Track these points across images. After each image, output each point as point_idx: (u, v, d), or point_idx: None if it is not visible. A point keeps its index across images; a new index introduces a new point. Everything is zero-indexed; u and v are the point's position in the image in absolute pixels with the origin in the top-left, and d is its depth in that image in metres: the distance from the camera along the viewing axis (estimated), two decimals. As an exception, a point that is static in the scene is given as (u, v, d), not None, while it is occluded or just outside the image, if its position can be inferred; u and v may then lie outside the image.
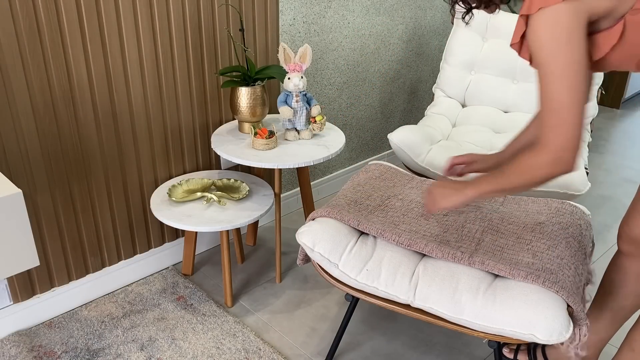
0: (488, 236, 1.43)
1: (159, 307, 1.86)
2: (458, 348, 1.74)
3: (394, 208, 1.55)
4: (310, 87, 2.31)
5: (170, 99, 1.86)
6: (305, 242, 1.43)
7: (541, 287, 1.25)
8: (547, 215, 1.52)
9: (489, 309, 1.25)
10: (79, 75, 1.63)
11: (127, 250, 1.94)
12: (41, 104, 1.58)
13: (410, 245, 1.38)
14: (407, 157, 1.99)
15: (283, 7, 2.07)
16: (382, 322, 1.84)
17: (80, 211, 1.78)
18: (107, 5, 1.62)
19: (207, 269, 2.08)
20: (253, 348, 1.70)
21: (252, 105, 1.84)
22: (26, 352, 1.67)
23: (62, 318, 1.81)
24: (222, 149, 1.81)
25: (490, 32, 2.35)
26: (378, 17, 2.46)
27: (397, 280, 1.34)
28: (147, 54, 1.75)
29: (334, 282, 1.43)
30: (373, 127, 2.69)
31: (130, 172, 1.85)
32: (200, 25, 1.84)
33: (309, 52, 1.81)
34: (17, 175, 1.61)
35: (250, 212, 1.79)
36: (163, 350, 1.69)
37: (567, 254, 1.37)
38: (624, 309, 1.45)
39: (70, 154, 1.69)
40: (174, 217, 1.75)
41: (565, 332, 1.20)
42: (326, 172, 2.56)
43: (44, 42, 1.53)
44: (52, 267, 1.78)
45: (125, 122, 1.78)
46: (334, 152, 1.81)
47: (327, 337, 1.78)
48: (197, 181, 1.91)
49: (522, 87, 2.32)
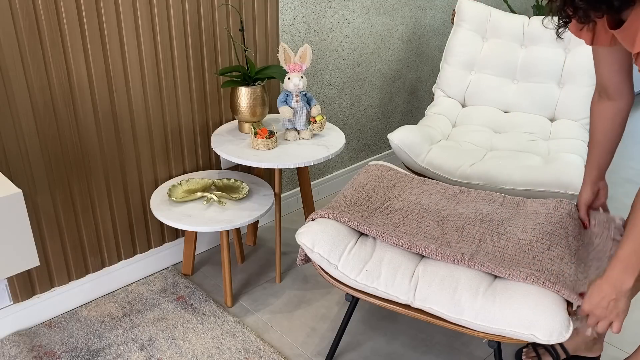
0: (488, 238, 1.43)
1: (159, 307, 1.86)
2: (458, 348, 1.74)
3: (394, 210, 1.55)
4: (310, 87, 2.31)
5: (170, 99, 1.86)
6: (304, 242, 1.43)
7: (541, 287, 1.25)
8: (547, 215, 1.52)
9: (489, 309, 1.25)
10: (79, 75, 1.63)
11: (127, 250, 1.94)
12: (41, 104, 1.58)
13: (410, 248, 1.38)
14: (407, 157, 1.99)
15: (283, 7, 2.07)
16: (382, 322, 1.84)
17: (80, 211, 1.78)
18: (107, 5, 1.62)
19: (207, 269, 2.08)
20: (253, 348, 1.70)
21: (252, 105, 1.84)
22: (26, 352, 1.67)
23: (62, 318, 1.81)
24: (222, 149, 1.81)
25: (490, 32, 2.35)
26: (378, 17, 2.46)
27: (397, 280, 1.34)
28: (147, 54, 1.75)
29: (334, 282, 1.43)
30: (373, 127, 2.69)
31: (130, 172, 1.85)
32: (200, 25, 1.84)
33: (309, 52, 1.81)
34: (17, 175, 1.61)
35: (250, 212, 1.79)
36: (163, 350, 1.69)
37: (566, 253, 1.37)
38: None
39: (70, 154, 1.69)
40: (174, 217, 1.75)
41: (565, 332, 1.20)
42: (326, 172, 2.56)
43: (44, 42, 1.53)
44: (52, 267, 1.78)
45: (125, 122, 1.78)
46: (334, 152, 1.81)
47: (327, 337, 1.78)
48: (197, 181, 1.91)
49: (522, 87, 2.32)
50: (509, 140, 2.13)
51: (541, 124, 2.23)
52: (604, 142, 1.39)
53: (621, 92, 1.31)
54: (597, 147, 1.41)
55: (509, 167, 1.89)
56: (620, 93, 1.32)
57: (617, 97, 1.32)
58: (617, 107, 1.34)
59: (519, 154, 2.02)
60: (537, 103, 2.29)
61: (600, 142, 1.39)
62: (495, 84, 2.34)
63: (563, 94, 2.26)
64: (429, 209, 1.55)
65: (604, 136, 1.38)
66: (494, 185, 1.87)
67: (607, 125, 1.37)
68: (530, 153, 2.04)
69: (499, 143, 2.12)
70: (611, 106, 1.34)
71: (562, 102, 2.25)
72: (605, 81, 1.31)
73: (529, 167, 1.89)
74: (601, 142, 1.39)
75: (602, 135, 1.38)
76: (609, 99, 1.34)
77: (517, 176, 1.86)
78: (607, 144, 1.39)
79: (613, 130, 1.37)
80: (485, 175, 1.88)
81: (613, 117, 1.35)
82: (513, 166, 1.90)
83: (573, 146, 2.05)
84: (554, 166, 1.87)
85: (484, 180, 1.88)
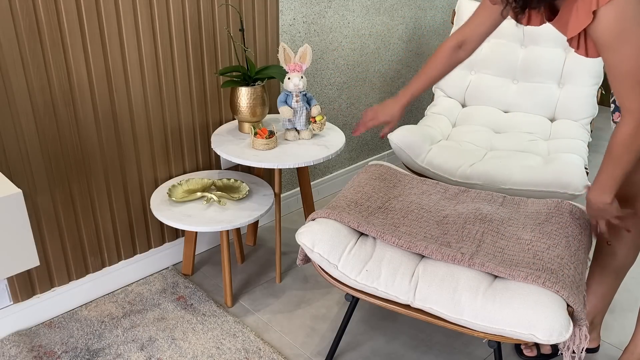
0: (488, 237, 1.43)
1: (159, 307, 1.86)
2: (458, 348, 1.74)
3: (394, 210, 1.55)
4: (310, 87, 2.31)
5: (170, 99, 1.86)
6: (304, 242, 1.43)
7: (541, 287, 1.25)
8: (547, 215, 1.52)
9: (489, 309, 1.25)
10: (79, 75, 1.63)
11: (127, 250, 1.94)
12: (41, 104, 1.58)
13: (410, 248, 1.38)
14: (407, 157, 1.99)
15: (283, 7, 2.07)
16: (382, 322, 1.84)
17: (80, 211, 1.78)
18: (107, 5, 1.62)
19: (207, 269, 2.08)
20: (253, 348, 1.70)
21: (252, 105, 1.84)
22: (26, 352, 1.67)
23: (62, 318, 1.81)
24: (222, 149, 1.81)
25: (490, 32, 2.35)
26: (378, 17, 2.46)
27: (397, 280, 1.34)
28: (147, 54, 1.75)
29: (334, 282, 1.43)
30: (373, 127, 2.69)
31: (130, 172, 1.85)
32: (200, 25, 1.84)
33: (309, 52, 1.81)
34: (17, 175, 1.61)
35: (250, 212, 1.79)
36: (163, 350, 1.69)
37: (566, 253, 1.37)
38: (626, 266, 1.55)
39: (70, 154, 1.69)
40: (174, 217, 1.75)
41: (565, 332, 1.20)
42: (326, 172, 2.57)
43: (44, 42, 1.53)
44: (52, 267, 1.78)
45: (125, 122, 1.78)
46: (334, 152, 1.81)
47: (327, 337, 1.78)
48: (197, 181, 1.91)
49: (522, 87, 2.32)
50: (509, 140, 2.13)
51: (541, 124, 2.23)
52: (437, 77, 1.57)
53: (473, 50, 1.52)
54: (430, 80, 1.57)
55: (509, 167, 1.89)
56: (473, 49, 1.52)
57: (470, 52, 1.52)
58: (462, 59, 1.54)
59: (519, 154, 2.02)
60: (537, 103, 2.29)
61: (434, 78, 1.56)
62: (495, 84, 2.34)
63: (563, 94, 2.26)
64: (429, 209, 1.55)
65: (439, 73, 1.56)
66: (494, 185, 1.87)
67: (447, 68, 1.55)
68: (530, 153, 2.04)
69: (499, 143, 2.12)
70: (460, 57, 1.53)
71: (562, 102, 2.25)
72: (473, 36, 1.48)
73: (529, 167, 1.89)
74: (435, 78, 1.56)
75: (438, 72, 1.56)
76: (462, 51, 1.52)
77: (517, 176, 1.86)
78: (437, 79, 1.58)
79: (448, 72, 1.57)
80: (485, 175, 1.88)
81: (455, 63, 1.55)
82: (513, 166, 1.90)
83: (573, 146, 2.05)
84: (554, 166, 1.88)
85: (484, 180, 1.88)
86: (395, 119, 1.61)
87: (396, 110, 1.60)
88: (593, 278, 1.59)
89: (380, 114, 1.61)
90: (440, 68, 1.55)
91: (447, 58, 1.53)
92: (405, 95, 1.59)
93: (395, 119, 1.61)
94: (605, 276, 1.57)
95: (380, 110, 1.61)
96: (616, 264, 1.54)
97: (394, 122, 1.62)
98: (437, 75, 1.56)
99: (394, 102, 1.60)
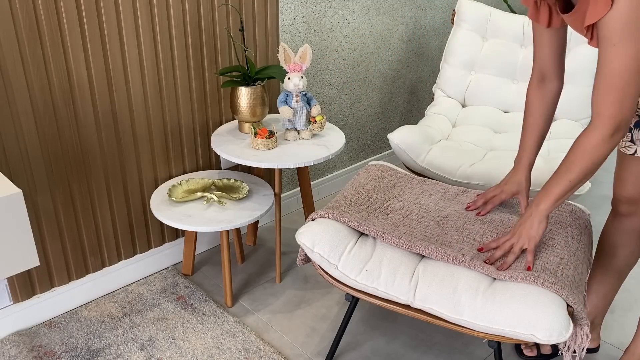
0: (488, 238, 1.43)
1: (159, 307, 1.86)
2: (458, 348, 1.74)
3: (394, 210, 1.55)
4: (310, 87, 2.31)
5: (170, 99, 1.86)
6: (304, 242, 1.43)
7: (540, 287, 1.25)
8: (547, 215, 1.52)
9: (489, 309, 1.25)
10: (79, 75, 1.63)
11: (127, 250, 1.94)
12: (41, 104, 1.58)
13: (410, 248, 1.38)
14: (407, 157, 1.99)
15: (283, 7, 2.07)
16: (382, 322, 1.84)
17: (80, 211, 1.78)
18: (107, 5, 1.62)
19: (207, 269, 2.08)
20: (253, 348, 1.70)
21: (252, 105, 1.84)
22: (26, 352, 1.67)
23: (62, 318, 1.81)
24: (222, 149, 1.81)
25: (490, 32, 2.35)
26: (378, 17, 2.46)
27: (397, 280, 1.34)
28: (147, 54, 1.75)
29: (334, 282, 1.43)
30: (373, 127, 2.69)
31: (130, 172, 1.85)
32: (200, 25, 1.84)
33: (309, 52, 1.81)
34: (17, 175, 1.61)
35: (250, 212, 1.79)
36: (163, 350, 1.69)
37: (566, 253, 1.37)
38: (628, 267, 1.54)
39: (70, 154, 1.69)
40: (174, 217, 1.75)
41: (565, 332, 1.20)
42: (326, 172, 2.57)
43: (44, 42, 1.53)
44: (52, 267, 1.78)
45: (125, 122, 1.78)
46: (334, 152, 1.81)
47: (327, 337, 1.78)
48: (197, 181, 1.91)
49: (522, 87, 2.32)
50: (509, 140, 2.13)
51: (541, 124, 2.23)
52: (542, 124, 1.44)
53: (559, 74, 1.40)
54: (535, 130, 1.45)
55: (509, 167, 1.89)
56: (558, 76, 1.40)
57: (556, 80, 1.40)
58: (554, 90, 1.41)
59: (519, 154, 2.02)
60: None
61: (539, 125, 1.44)
62: (495, 84, 2.34)
63: (563, 94, 2.26)
64: (429, 209, 1.55)
65: (542, 119, 1.43)
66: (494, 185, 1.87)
67: (546, 109, 1.43)
68: (530, 153, 2.04)
69: (499, 143, 2.12)
70: (550, 90, 1.41)
71: (562, 102, 2.25)
72: (547, 63, 1.38)
73: (529, 167, 1.89)
74: (539, 125, 1.44)
75: (541, 118, 1.43)
76: (548, 82, 1.40)
77: (517, 176, 1.86)
78: (544, 127, 1.45)
79: (550, 113, 1.44)
80: (485, 175, 1.88)
81: (551, 100, 1.42)
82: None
83: (573, 146, 2.05)
84: (554, 166, 1.87)
85: (484, 180, 1.88)
86: (523, 187, 1.48)
87: (523, 178, 1.47)
88: (594, 278, 1.59)
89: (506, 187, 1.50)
90: (540, 111, 1.42)
91: (538, 98, 1.42)
92: (522, 158, 1.47)
93: (523, 187, 1.48)
94: (606, 276, 1.57)
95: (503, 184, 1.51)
96: (618, 264, 1.54)
97: (524, 190, 1.49)
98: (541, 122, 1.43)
99: (515, 172, 1.49)
